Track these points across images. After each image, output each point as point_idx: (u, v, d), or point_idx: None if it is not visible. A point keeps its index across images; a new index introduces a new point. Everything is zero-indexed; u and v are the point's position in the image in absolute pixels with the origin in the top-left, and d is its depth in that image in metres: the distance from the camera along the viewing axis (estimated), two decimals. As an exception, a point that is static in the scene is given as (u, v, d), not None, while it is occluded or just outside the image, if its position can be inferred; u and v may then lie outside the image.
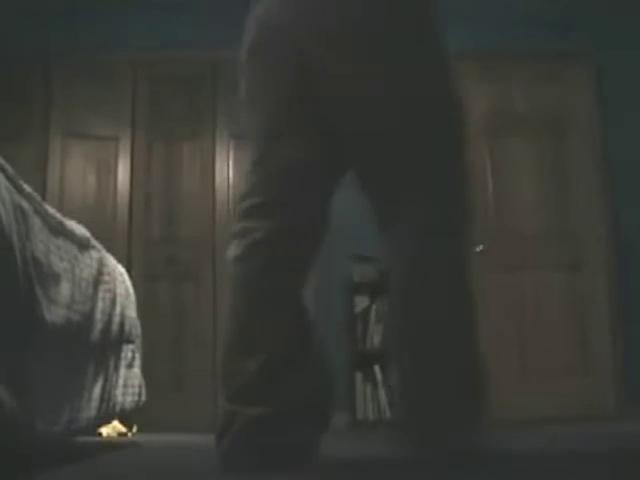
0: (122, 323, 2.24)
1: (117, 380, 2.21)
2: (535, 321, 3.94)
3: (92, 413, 1.91)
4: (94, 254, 2.07)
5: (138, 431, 3.10)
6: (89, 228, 2.13)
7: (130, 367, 2.36)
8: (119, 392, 2.22)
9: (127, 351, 2.34)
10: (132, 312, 2.43)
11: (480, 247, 3.90)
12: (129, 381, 2.34)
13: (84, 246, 1.98)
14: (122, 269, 2.44)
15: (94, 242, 2.11)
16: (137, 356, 2.46)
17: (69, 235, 1.83)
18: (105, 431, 2.96)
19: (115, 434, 3.00)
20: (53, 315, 1.56)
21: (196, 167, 4.18)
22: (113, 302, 2.15)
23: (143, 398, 2.50)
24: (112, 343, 2.15)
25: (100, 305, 2.00)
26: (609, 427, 2.86)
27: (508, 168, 4.14)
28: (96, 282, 2.01)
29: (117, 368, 2.22)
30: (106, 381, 2.07)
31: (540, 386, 3.83)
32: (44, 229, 1.61)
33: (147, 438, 2.90)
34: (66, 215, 1.97)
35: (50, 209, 1.72)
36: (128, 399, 2.31)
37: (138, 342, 2.50)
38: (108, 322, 2.08)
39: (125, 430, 3.01)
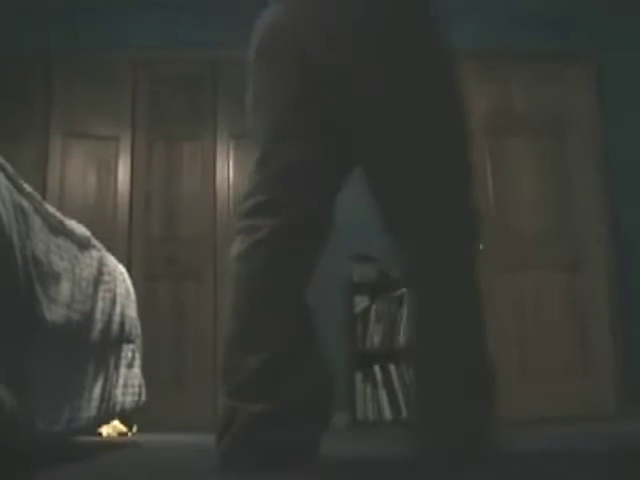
0: (122, 323, 2.25)
1: (117, 380, 2.21)
2: (535, 321, 3.94)
3: (92, 413, 1.91)
4: (94, 253, 2.07)
5: (138, 431, 3.10)
6: (89, 227, 2.13)
7: (130, 367, 2.36)
8: (119, 392, 2.22)
9: (127, 351, 2.34)
10: (132, 312, 2.43)
11: (480, 247, 3.89)
12: (129, 381, 2.34)
13: (84, 245, 1.98)
14: (122, 269, 2.44)
15: (94, 241, 2.11)
16: (137, 356, 2.46)
17: (69, 234, 1.83)
18: (105, 431, 2.96)
19: (115, 434, 3.00)
20: (53, 314, 1.56)
21: (196, 167, 4.18)
22: (113, 302, 2.15)
23: (143, 398, 2.50)
24: (112, 343, 2.15)
25: (100, 305, 2.00)
26: (609, 427, 2.86)
27: (508, 168, 4.14)
28: (96, 281, 2.01)
29: (117, 368, 2.22)
30: (106, 381, 2.07)
31: (540, 386, 3.83)
32: (44, 228, 1.61)
33: (147, 438, 2.90)
34: (66, 215, 1.97)
35: (50, 208, 1.72)
36: (128, 399, 2.31)
37: (138, 342, 2.49)
38: (108, 322, 2.08)
39: (125, 430, 3.01)
